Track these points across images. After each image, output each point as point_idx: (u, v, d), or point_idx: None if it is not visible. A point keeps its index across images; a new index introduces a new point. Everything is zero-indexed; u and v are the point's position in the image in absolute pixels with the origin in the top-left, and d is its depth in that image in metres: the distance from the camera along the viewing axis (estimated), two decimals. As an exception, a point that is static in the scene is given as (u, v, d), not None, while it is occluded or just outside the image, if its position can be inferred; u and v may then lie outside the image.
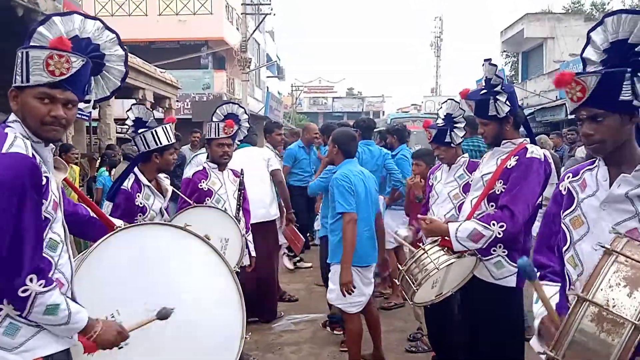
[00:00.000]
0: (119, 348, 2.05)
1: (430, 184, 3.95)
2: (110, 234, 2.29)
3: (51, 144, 1.87)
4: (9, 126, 1.79)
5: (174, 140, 3.50)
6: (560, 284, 1.93)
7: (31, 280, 1.68)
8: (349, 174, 3.98)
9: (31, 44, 1.84)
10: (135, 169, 3.42)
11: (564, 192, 1.96)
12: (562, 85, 1.83)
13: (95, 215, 2.61)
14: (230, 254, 3.65)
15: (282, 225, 5.98)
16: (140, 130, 3.40)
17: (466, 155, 3.87)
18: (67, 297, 1.83)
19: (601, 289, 1.45)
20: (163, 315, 2.20)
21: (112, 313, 2.17)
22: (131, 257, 2.32)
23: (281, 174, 5.87)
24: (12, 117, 1.81)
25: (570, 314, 1.47)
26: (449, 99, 3.85)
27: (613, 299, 1.43)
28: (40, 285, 1.70)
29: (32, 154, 1.73)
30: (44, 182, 1.75)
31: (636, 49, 1.72)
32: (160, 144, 3.39)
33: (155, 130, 3.38)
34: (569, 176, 1.97)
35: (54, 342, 1.83)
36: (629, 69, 1.71)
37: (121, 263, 2.28)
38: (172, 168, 3.63)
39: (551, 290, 1.91)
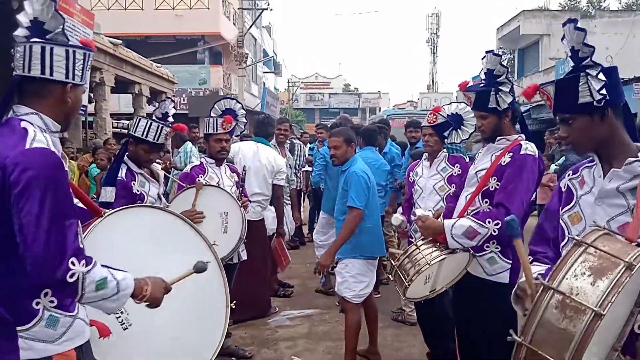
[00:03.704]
0: (124, 329, 2.15)
1: (412, 180, 4.17)
2: (100, 220, 2.33)
3: None
4: (24, 120, 1.78)
5: (159, 142, 3.41)
6: (549, 265, 1.97)
7: (73, 263, 1.68)
8: (366, 170, 4.05)
9: (71, 42, 1.88)
10: (126, 159, 3.41)
11: (563, 189, 1.99)
12: (529, 97, 2.02)
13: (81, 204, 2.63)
14: (232, 225, 3.84)
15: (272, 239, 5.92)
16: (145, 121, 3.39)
17: (445, 149, 4.05)
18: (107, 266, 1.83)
19: (566, 278, 1.51)
20: (200, 268, 2.22)
21: None
22: (121, 239, 2.41)
23: (282, 190, 5.78)
24: (26, 109, 1.80)
25: (537, 302, 1.53)
26: (463, 102, 3.94)
27: (577, 287, 1.48)
28: (82, 265, 1.70)
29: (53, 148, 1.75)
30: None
31: (579, 55, 1.81)
32: (145, 136, 3.35)
33: (150, 122, 3.37)
34: (569, 173, 2.01)
35: (86, 330, 1.91)
36: (582, 73, 1.78)
37: (114, 246, 2.35)
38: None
39: (538, 268, 1.94)
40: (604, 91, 1.75)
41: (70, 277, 1.67)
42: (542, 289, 1.53)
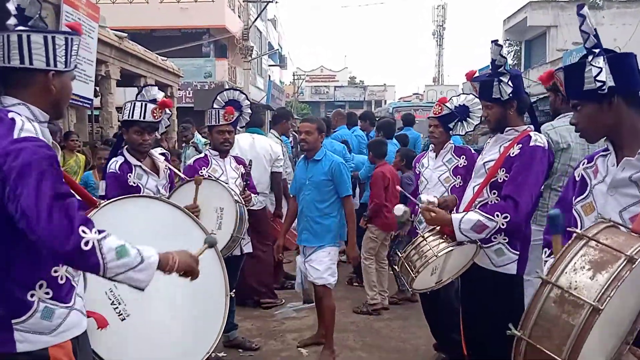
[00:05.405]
0: (122, 320, 2.14)
1: (418, 172, 4.21)
2: (96, 210, 2.33)
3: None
4: (11, 110, 1.76)
5: (146, 119, 3.35)
6: None
7: (84, 231, 1.64)
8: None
9: (62, 28, 1.85)
10: (125, 152, 3.42)
11: (577, 178, 1.98)
12: (545, 83, 1.98)
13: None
14: (226, 222, 3.77)
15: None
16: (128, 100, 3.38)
17: (452, 141, 4.08)
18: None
19: (565, 272, 1.49)
20: (211, 242, 2.20)
21: (110, 288, 2.28)
22: (117, 230, 2.38)
23: (280, 177, 5.79)
24: (12, 100, 1.78)
25: (535, 296, 1.52)
26: (471, 94, 3.94)
27: (576, 282, 1.47)
28: (95, 232, 1.67)
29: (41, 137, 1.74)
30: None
31: (586, 45, 1.78)
32: (131, 117, 3.33)
33: (134, 103, 3.34)
34: (584, 162, 1.99)
35: (83, 321, 1.88)
36: (587, 60, 1.76)
37: None
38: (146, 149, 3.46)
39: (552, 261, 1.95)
40: (601, 77, 1.72)
41: (85, 244, 1.63)
42: (541, 283, 1.52)
